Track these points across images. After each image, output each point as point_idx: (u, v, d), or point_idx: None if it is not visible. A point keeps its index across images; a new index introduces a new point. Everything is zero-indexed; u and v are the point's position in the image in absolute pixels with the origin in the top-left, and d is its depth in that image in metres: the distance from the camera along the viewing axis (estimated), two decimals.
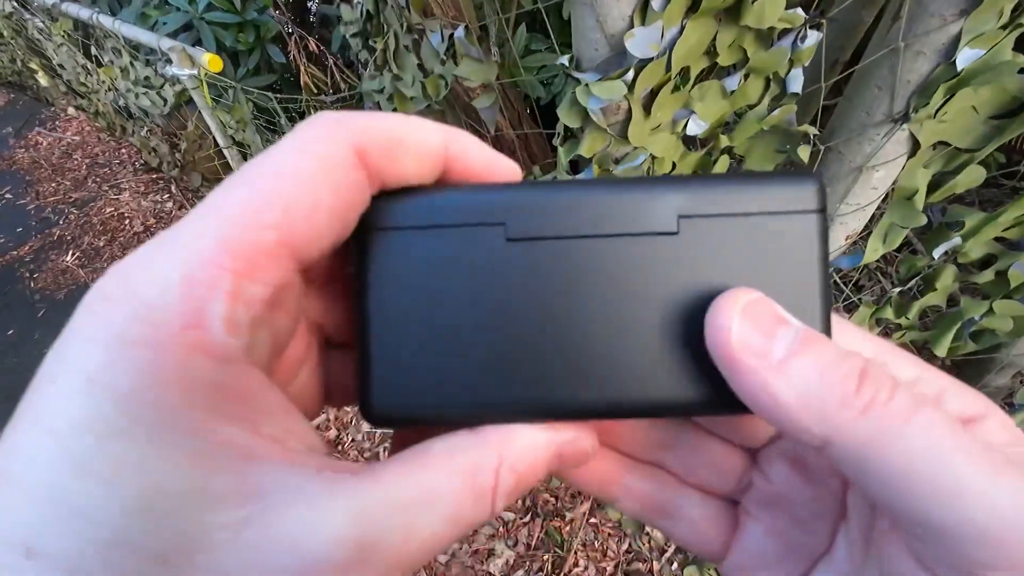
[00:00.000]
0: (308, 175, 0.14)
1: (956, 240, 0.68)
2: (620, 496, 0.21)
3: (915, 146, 0.61)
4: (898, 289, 0.78)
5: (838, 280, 1.44)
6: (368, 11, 0.82)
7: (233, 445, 0.13)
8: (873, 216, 0.78)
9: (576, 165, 0.74)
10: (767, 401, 0.15)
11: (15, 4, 2.43)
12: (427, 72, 0.85)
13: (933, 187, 0.65)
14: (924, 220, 0.67)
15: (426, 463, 0.15)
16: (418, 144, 0.16)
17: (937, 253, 0.70)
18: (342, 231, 0.15)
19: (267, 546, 0.12)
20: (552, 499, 1.48)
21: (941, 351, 0.77)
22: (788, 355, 0.15)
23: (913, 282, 0.76)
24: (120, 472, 0.11)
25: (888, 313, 0.80)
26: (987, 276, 0.70)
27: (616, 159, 0.68)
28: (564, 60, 0.61)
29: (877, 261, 1.44)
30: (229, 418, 0.13)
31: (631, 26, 0.56)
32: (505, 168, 0.18)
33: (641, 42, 0.53)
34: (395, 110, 1.18)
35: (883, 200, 0.73)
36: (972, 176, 0.61)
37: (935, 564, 0.14)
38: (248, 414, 0.13)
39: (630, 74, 0.56)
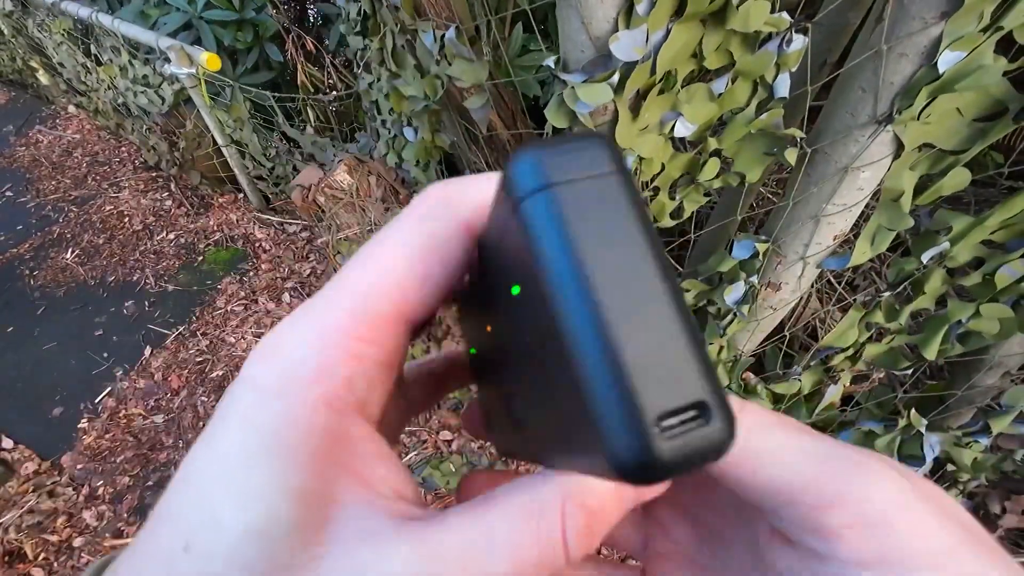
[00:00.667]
0: (420, 251, 0.16)
1: (944, 245, 0.68)
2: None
3: (900, 147, 0.62)
4: (888, 293, 0.78)
5: (831, 280, 1.44)
6: (365, 11, 0.83)
7: (333, 488, 0.15)
8: (864, 215, 0.78)
9: None
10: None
11: (15, 2, 2.44)
12: (424, 71, 0.86)
13: (920, 189, 0.65)
14: (911, 222, 0.67)
15: (489, 505, 0.15)
16: None
17: (925, 258, 0.70)
18: (447, 293, 0.17)
19: None
20: None
21: (930, 354, 0.77)
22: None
23: (903, 286, 0.76)
24: (250, 495, 0.14)
25: (878, 318, 0.80)
26: (974, 279, 0.70)
27: None
28: (550, 61, 0.61)
29: (871, 261, 1.44)
30: (334, 463, 0.15)
31: (616, 28, 0.56)
32: None
33: (626, 45, 0.54)
34: (392, 109, 1.19)
35: (874, 198, 0.74)
36: (957, 179, 0.61)
37: (794, 533, 0.16)
38: (351, 460, 0.15)
39: (615, 77, 0.57)
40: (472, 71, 0.71)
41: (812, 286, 1.09)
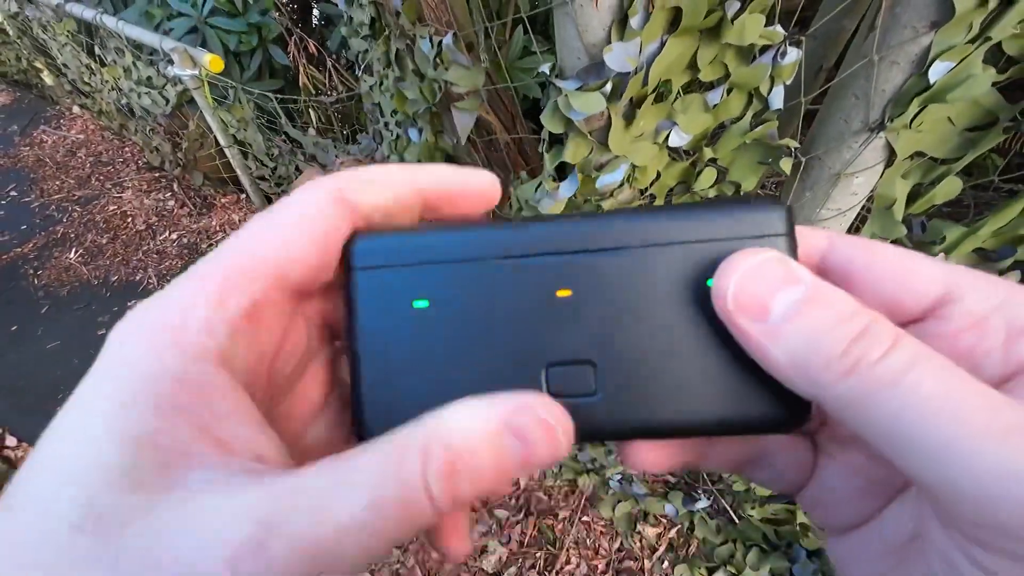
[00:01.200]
0: (291, 211, 0.17)
1: (940, 256, 0.69)
2: (707, 464, 0.21)
3: (892, 155, 0.62)
4: None
5: None
6: (372, 15, 0.84)
7: (180, 438, 0.14)
8: (860, 223, 0.79)
9: (562, 172, 0.75)
10: (763, 362, 0.16)
11: (20, 3, 2.45)
12: (421, 76, 0.86)
13: (913, 197, 0.66)
14: (904, 231, 0.67)
15: (354, 452, 0.15)
16: (385, 182, 0.19)
17: None
18: (324, 253, 0.18)
19: (173, 524, 0.13)
20: (545, 497, 1.50)
21: None
22: (785, 317, 0.15)
23: None
24: (74, 440, 0.13)
25: None
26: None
27: (597, 167, 0.69)
28: (546, 68, 0.62)
29: None
30: (181, 412, 0.14)
31: (611, 37, 0.57)
32: (478, 182, 0.20)
33: (619, 56, 0.54)
34: (395, 111, 1.20)
35: (870, 202, 0.74)
36: (949, 188, 0.62)
37: (948, 523, 0.14)
38: (202, 413, 0.15)
39: (608, 86, 0.58)
40: (468, 76, 0.72)
41: None
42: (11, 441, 1.68)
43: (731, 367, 0.17)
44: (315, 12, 2.38)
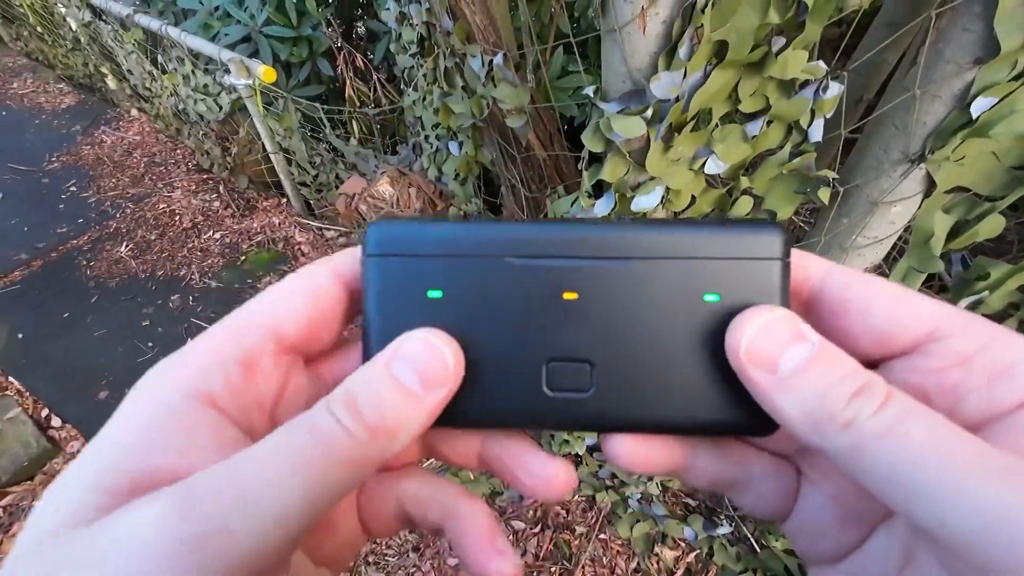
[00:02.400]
0: (288, 279, 0.20)
1: (984, 294, 0.67)
2: (690, 476, 0.22)
3: (932, 186, 0.63)
4: None
5: None
6: (421, 34, 0.89)
7: (143, 473, 0.16)
8: (897, 255, 0.79)
9: (599, 189, 0.77)
10: (773, 412, 0.17)
11: (93, 14, 2.63)
12: (470, 92, 0.91)
13: (954, 233, 0.65)
14: (941, 266, 0.66)
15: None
16: None
17: (963, 304, 0.69)
18: (317, 312, 0.20)
19: (98, 535, 0.14)
20: (563, 512, 1.50)
21: None
22: (793, 372, 0.16)
23: None
24: (61, 481, 0.16)
25: None
26: (1010, 325, 0.70)
27: (634, 186, 0.71)
28: (590, 91, 0.65)
29: None
30: (164, 442, 0.17)
31: (655, 62, 0.59)
32: None
33: (664, 85, 0.57)
34: (436, 124, 1.25)
35: (908, 232, 0.74)
36: (993, 225, 0.61)
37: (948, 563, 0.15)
38: (181, 441, 0.17)
39: (650, 112, 0.60)
40: (515, 94, 0.75)
41: None
42: (56, 422, 1.77)
43: (713, 375, 0.19)
44: (357, 27, 2.48)
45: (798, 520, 0.21)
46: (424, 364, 0.18)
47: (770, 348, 0.17)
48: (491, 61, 0.75)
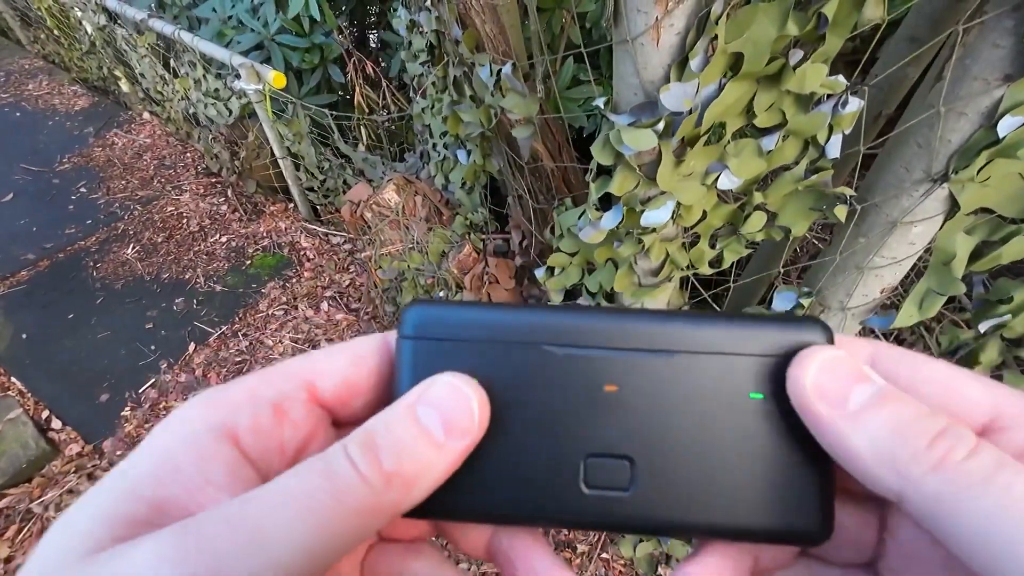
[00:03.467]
0: (336, 344, 0.20)
1: (1005, 317, 0.65)
2: None
3: (955, 206, 0.60)
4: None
5: (878, 334, 1.39)
6: (431, 42, 0.88)
7: (150, 513, 0.16)
8: (916, 276, 0.76)
9: (606, 202, 0.75)
10: (842, 450, 0.16)
11: (108, 18, 2.66)
12: (478, 101, 0.89)
13: (976, 255, 0.63)
14: (963, 288, 0.64)
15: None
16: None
17: (984, 327, 0.67)
18: (356, 372, 0.20)
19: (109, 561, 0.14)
20: (564, 531, 1.46)
21: None
22: (864, 407, 0.15)
23: (956, 355, 0.73)
24: (71, 515, 0.16)
25: None
26: None
27: (643, 200, 0.69)
28: (600, 102, 0.63)
29: None
30: (176, 473, 0.16)
31: (668, 74, 0.58)
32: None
33: (675, 96, 0.55)
34: (444, 132, 1.24)
35: (927, 254, 0.72)
36: (1018, 247, 0.58)
37: None
38: (194, 473, 0.16)
39: (661, 124, 0.58)
40: (524, 104, 0.74)
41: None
42: (56, 424, 1.76)
43: (762, 476, 0.18)
44: (371, 37, 2.49)
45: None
46: (449, 410, 0.17)
47: (837, 384, 0.16)
48: (499, 71, 0.74)
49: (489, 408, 0.18)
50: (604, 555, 1.41)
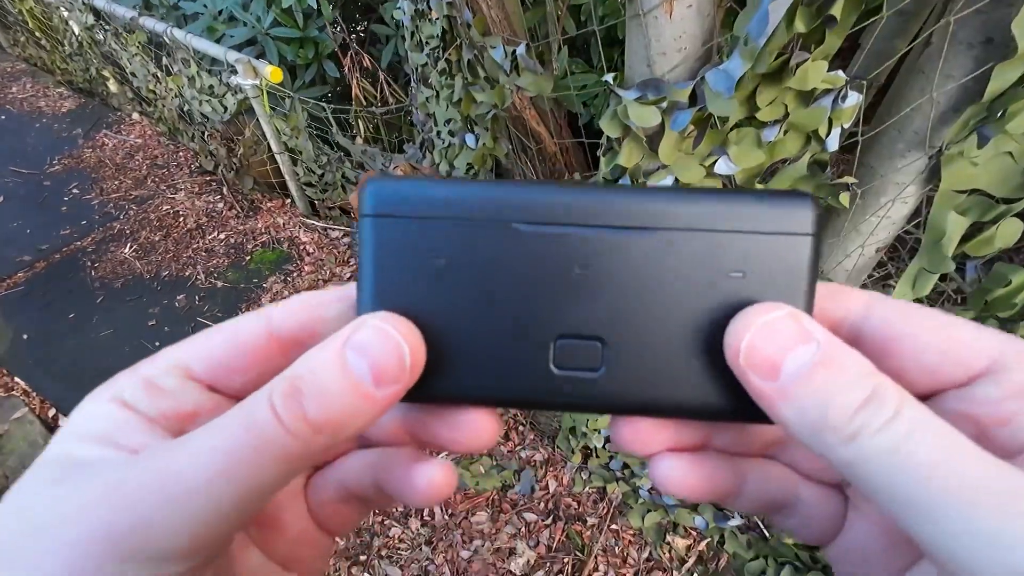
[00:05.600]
0: (222, 326, 0.20)
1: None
2: (738, 502, 0.21)
3: (939, 181, 0.62)
4: None
5: None
6: (443, 27, 0.91)
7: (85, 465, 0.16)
8: (909, 256, 0.81)
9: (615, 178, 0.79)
10: (774, 417, 0.16)
11: (95, 17, 2.65)
12: (492, 82, 0.93)
13: (969, 236, 0.63)
14: (952, 267, 0.65)
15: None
16: (305, 303, 0.21)
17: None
18: (233, 350, 0.19)
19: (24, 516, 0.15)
20: (574, 503, 1.51)
21: None
22: (795, 379, 0.15)
23: None
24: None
25: None
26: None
27: (646, 173, 0.73)
28: (609, 78, 0.67)
29: None
30: (102, 440, 0.17)
31: (680, 47, 0.62)
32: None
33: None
34: (448, 120, 1.27)
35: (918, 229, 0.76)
36: (1009, 231, 0.60)
37: None
38: (112, 433, 0.17)
39: (665, 103, 0.61)
40: (538, 82, 0.78)
41: None
42: (63, 421, 1.76)
43: (721, 359, 0.18)
44: (359, 30, 2.50)
45: (843, 546, 0.21)
46: (379, 356, 0.16)
47: (771, 351, 0.16)
48: (514, 51, 0.78)
49: (424, 351, 0.17)
50: (614, 526, 1.46)
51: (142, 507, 0.14)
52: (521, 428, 1.68)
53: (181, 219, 2.51)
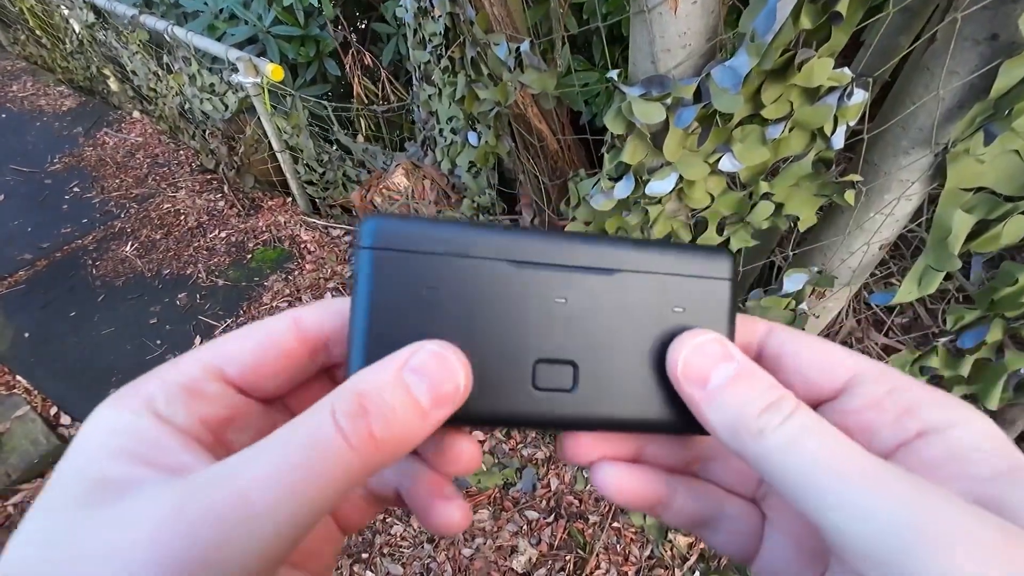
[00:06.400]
0: (245, 326, 0.20)
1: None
2: (667, 515, 0.23)
3: (944, 179, 0.62)
4: (944, 340, 0.74)
5: (879, 311, 1.45)
6: (446, 24, 0.91)
7: (122, 473, 0.16)
8: (913, 255, 0.81)
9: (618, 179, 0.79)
10: (704, 422, 0.19)
11: (96, 15, 2.64)
12: (495, 79, 0.93)
13: (975, 234, 0.63)
14: (959, 264, 0.64)
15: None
16: (334, 310, 0.22)
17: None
18: (263, 354, 0.20)
19: (107, 522, 0.15)
20: (576, 501, 1.51)
21: (992, 404, 0.73)
22: (720, 387, 0.19)
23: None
24: (54, 485, 0.17)
25: (934, 362, 0.76)
26: None
27: (650, 170, 0.72)
28: (613, 74, 0.67)
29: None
30: (129, 453, 0.17)
31: (685, 43, 0.62)
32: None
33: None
34: (451, 117, 1.27)
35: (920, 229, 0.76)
36: (1015, 228, 0.59)
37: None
38: (147, 451, 0.17)
39: (670, 100, 0.61)
40: (542, 79, 0.77)
41: (848, 307, 1.11)
42: (66, 419, 1.76)
43: (664, 379, 0.21)
44: (359, 28, 2.50)
45: (763, 561, 0.23)
46: (437, 379, 0.17)
47: (701, 366, 0.20)
48: (518, 48, 0.78)
49: (471, 377, 0.19)
50: (615, 524, 1.46)
51: (210, 533, 0.14)
52: None
53: (182, 217, 2.51)
